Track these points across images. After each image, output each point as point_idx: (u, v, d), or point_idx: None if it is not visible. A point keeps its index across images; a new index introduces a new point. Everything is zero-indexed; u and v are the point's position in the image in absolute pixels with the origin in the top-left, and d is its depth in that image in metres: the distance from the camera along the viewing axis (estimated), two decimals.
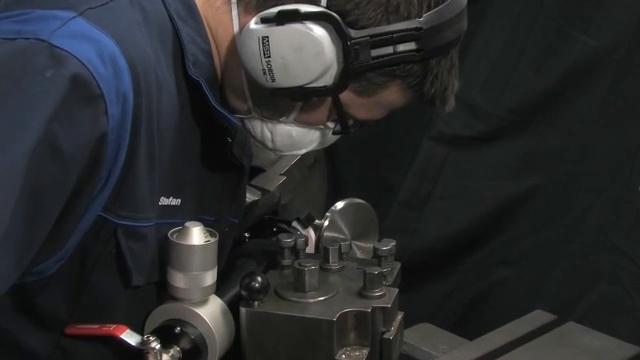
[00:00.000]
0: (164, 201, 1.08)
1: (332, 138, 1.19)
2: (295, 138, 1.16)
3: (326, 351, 1.00)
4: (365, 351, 1.02)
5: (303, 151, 1.21)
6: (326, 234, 1.32)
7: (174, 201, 1.09)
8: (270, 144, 1.18)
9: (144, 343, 1.00)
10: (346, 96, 1.10)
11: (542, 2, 2.17)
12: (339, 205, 1.34)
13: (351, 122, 1.16)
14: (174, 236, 1.04)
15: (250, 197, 1.77)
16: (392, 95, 1.12)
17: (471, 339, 1.69)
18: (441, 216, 2.35)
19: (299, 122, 1.14)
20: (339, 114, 1.12)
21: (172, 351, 1.01)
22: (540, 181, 2.24)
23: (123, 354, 1.05)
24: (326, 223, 1.32)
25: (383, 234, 1.27)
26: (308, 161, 2.00)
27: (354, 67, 1.05)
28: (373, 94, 1.10)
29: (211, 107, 1.09)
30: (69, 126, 0.91)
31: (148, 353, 0.99)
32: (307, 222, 1.35)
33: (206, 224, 1.13)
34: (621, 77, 2.09)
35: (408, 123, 2.42)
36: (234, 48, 1.10)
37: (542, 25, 2.17)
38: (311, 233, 1.36)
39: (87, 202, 0.98)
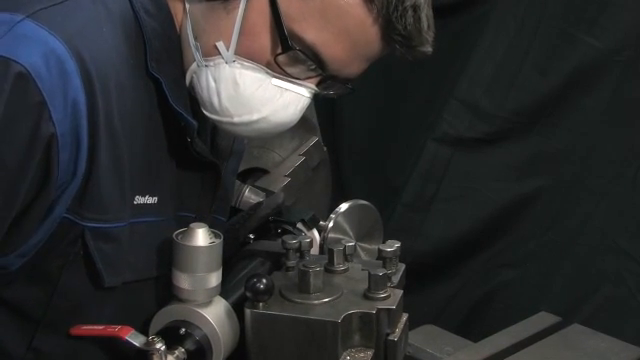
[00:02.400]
0: (139, 200, 1.07)
1: (292, 101, 1.07)
2: (240, 86, 1.05)
3: (331, 352, 1.00)
4: (370, 352, 1.02)
5: (256, 116, 1.07)
6: (330, 235, 1.31)
7: (150, 199, 1.09)
8: (216, 100, 1.07)
9: (149, 344, 1.00)
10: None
11: (546, 4, 2.17)
12: (343, 206, 1.34)
13: (294, 45, 1.02)
14: (179, 237, 1.04)
15: (254, 198, 1.78)
16: None
17: (475, 341, 1.69)
18: (445, 218, 2.35)
19: (241, 55, 1.05)
20: (276, 18, 1.01)
21: (177, 352, 1.01)
22: (545, 183, 2.24)
23: (98, 354, 1.06)
24: (330, 224, 1.32)
25: (387, 235, 1.27)
26: (312, 162, 2.00)
27: None
28: None
29: (170, 106, 1.07)
30: (10, 136, 0.91)
31: (153, 354, 0.99)
32: (312, 223, 1.35)
33: (186, 221, 1.13)
34: (626, 79, 2.09)
35: (412, 124, 2.42)
36: None
37: (546, 27, 2.17)
38: (315, 234, 1.36)
39: (47, 204, 0.98)
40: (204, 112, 1.11)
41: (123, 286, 1.08)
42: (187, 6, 1.09)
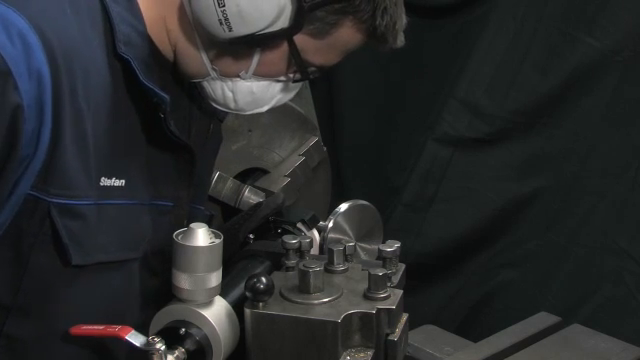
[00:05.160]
0: (105, 181, 1.08)
1: (293, 89, 1.20)
2: (256, 94, 1.17)
3: (331, 352, 1.00)
4: (370, 352, 1.02)
5: (266, 108, 1.20)
6: (330, 235, 1.32)
7: (117, 182, 1.09)
8: (233, 104, 1.18)
9: (149, 344, 1.00)
10: (302, 41, 1.11)
11: (546, 4, 2.17)
12: (343, 207, 1.34)
13: (311, 69, 1.16)
14: (179, 237, 1.04)
15: (254, 198, 1.78)
16: (346, 34, 1.13)
17: (475, 341, 1.70)
18: (445, 218, 2.35)
19: (258, 75, 1.15)
20: (296, 60, 1.12)
21: (177, 352, 1.01)
22: (545, 183, 2.24)
23: (70, 338, 1.05)
24: (330, 224, 1.32)
25: (387, 235, 1.27)
26: (312, 162, 2.00)
27: (307, 5, 1.07)
28: (327, 35, 1.12)
29: (140, 83, 1.09)
30: None
31: (153, 354, 0.99)
32: (312, 223, 1.35)
33: (164, 210, 1.15)
34: (626, 79, 2.09)
35: (412, 125, 2.43)
36: (183, 11, 1.11)
37: (546, 27, 2.17)
38: (315, 234, 1.36)
39: (12, 179, 0.98)
40: (213, 105, 1.19)
41: (94, 267, 1.08)
42: (198, 37, 1.13)
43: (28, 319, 1.06)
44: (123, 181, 1.10)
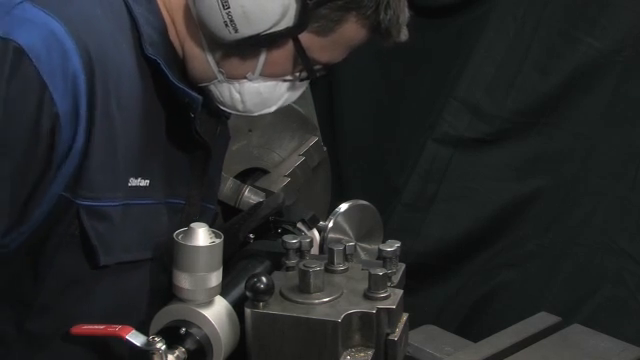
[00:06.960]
0: (133, 182, 1.09)
1: (300, 88, 1.20)
2: (264, 95, 1.17)
3: (331, 352, 1.00)
4: (370, 352, 1.02)
5: (274, 108, 1.21)
6: (330, 235, 1.32)
7: (143, 182, 1.11)
8: (241, 106, 1.18)
9: (149, 344, 1.00)
10: (307, 39, 1.12)
11: (547, 4, 2.17)
12: (343, 206, 1.34)
13: (317, 67, 1.17)
14: (179, 237, 1.04)
15: (254, 198, 1.78)
16: (350, 30, 1.14)
17: (475, 341, 1.70)
18: (445, 218, 2.35)
19: (265, 76, 1.16)
20: (303, 58, 1.13)
21: (177, 352, 1.01)
22: (545, 183, 2.24)
23: (73, 338, 1.06)
24: (330, 224, 1.32)
25: (387, 235, 1.27)
26: (312, 162, 2.00)
27: (311, 3, 1.08)
28: (332, 32, 1.13)
29: (170, 84, 1.10)
30: (16, 119, 0.94)
31: (154, 354, 0.99)
32: (312, 223, 1.35)
33: (176, 208, 1.16)
34: (626, 79, 2.09)
35: (413, 125, 2.43)
36: (189, 14, 1.13)
37: (547, 27, 2.17)
38: (315, 234, 1.36)
39: (48, 184, 1.00)
40: (221, 107, 1.19)
41: (116, 267, 1.09)
42: (204, 39, 1.13)
43: (49, 316, 1.07)
44: (148, 181, 1.11)
